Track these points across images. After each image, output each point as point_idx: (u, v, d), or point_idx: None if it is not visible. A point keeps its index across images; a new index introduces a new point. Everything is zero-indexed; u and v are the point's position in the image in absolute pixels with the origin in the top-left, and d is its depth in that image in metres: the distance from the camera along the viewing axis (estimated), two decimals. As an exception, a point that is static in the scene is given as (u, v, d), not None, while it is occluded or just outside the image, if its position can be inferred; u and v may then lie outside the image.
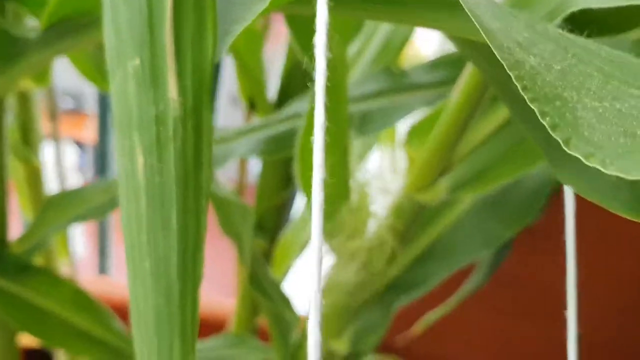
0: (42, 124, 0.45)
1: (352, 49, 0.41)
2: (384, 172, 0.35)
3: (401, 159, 0.34)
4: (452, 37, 0.22)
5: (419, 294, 0.36)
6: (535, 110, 0.13)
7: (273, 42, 0.49)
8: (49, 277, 0.39)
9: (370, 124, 0.36)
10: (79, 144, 1.72)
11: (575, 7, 0.19)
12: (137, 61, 0.18)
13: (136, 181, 0.18)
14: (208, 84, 0.19)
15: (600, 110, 0.13)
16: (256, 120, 0.43)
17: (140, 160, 0.18)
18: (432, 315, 0.45)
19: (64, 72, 0.44)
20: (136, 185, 0.18)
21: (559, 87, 0.13)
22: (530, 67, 0.14)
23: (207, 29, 0.19)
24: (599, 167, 0.12)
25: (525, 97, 0.13)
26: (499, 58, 0.14)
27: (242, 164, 0.50)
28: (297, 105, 0.38)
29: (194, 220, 0.18)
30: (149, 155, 0.18)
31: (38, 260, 0.49)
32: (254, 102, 0.44)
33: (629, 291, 0.58)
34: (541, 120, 0.13)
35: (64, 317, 0.39)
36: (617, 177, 0.19)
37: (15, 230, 0.40)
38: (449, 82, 0.31)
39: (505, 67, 0.13)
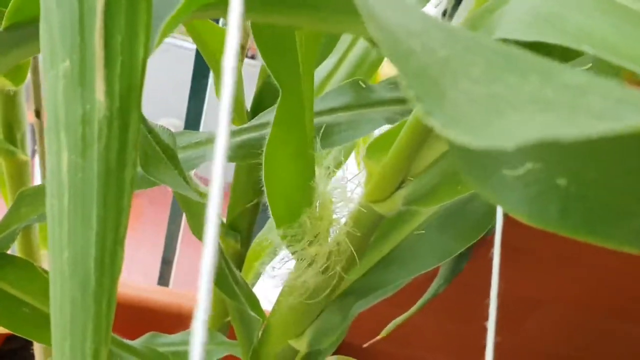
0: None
1: (328, 64, 0.42)
2: (346, 182, 0.36)
3: (363, 171, 0.35)
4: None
5: (376, 300, 0.37)
6: (402, 83, 0.13)
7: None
8: (22, 267, 0.40)
9: (336, 136, 0.36)
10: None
11: (495, 36, 0.20)
12: (67, 63, 0.19)
13: (60, 177, 0.19)
14: (138, 87, 0.20)
15: (472, 93, 0.13)
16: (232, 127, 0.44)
17: (65, 157, 0.19)
18: (397, 321, 0.45)
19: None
20: (60, 180, 0.19)
21: (436, 70, 0.13)
22: (408, 48, 0.14)
23: (138, 34, 0.20)
24: (451, 137, 0.12)
25: (398, 73, 0.13)
26: (376, 40, 0.14)
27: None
28: (267, 115, 0.39)
29: (114, 217, 0.19)
30: (74, 153, 0.19)
31: (19, 251, 0.50)
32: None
33: (588, 311, 0.58)
34: (406, 92, 0.13)
35: (37, 307, 0.39)
36: (514, 178, 0.20)
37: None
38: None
39: (382, 48, 0.14)
